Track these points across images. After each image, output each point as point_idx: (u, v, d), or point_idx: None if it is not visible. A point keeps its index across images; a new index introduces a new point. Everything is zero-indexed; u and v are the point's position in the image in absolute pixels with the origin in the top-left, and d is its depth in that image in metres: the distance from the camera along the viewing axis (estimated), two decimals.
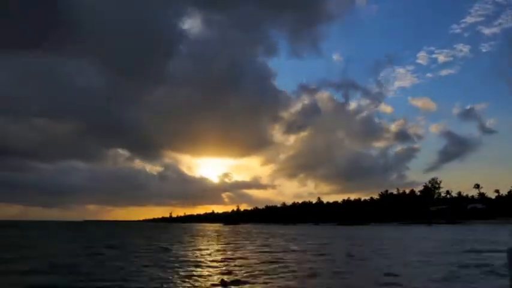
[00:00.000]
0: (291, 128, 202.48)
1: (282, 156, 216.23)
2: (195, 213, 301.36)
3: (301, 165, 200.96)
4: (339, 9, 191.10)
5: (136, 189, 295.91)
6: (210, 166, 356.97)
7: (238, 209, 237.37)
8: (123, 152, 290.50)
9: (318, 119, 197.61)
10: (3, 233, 53.41)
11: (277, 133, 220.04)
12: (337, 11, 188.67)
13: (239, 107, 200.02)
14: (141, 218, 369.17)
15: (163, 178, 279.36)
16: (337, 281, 11.97)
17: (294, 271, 13.84)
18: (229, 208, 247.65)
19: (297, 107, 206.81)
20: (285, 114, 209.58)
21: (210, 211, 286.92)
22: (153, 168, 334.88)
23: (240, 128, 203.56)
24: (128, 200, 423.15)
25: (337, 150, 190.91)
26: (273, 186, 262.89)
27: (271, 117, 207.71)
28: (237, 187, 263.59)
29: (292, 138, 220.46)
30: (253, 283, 11.45)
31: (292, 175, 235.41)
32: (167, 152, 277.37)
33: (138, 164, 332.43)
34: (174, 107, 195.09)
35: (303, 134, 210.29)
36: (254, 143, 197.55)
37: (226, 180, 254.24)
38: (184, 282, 11.82)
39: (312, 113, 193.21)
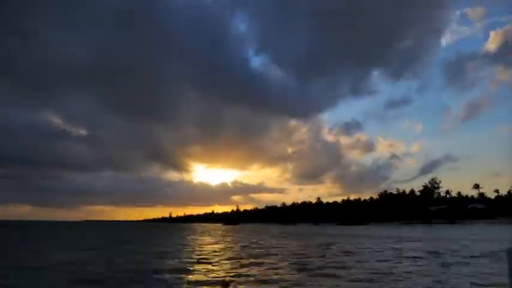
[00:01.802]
0: (300, 145, 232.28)
1: (291, 168, 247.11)
2: (195, 214, 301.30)
3: (307, 174, 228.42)
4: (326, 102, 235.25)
5: (149, 193, 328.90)
6: (226, 176, 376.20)
7: (238, 209, 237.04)
8: (158, 165, 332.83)
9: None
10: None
11: (287, 150, 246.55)
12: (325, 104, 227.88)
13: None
14: (140, 218, 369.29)
15: (181, 184, 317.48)
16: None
17: None
18: (234, 208, 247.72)
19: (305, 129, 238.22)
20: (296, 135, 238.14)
21: (210, 211, 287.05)
22: (176, 176, 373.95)
23: (259, 147, 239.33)
24: (137, 202, 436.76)
25: (336, 162, 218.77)
26: (281, 191, 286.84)
27: (283, 137, 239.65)
28: (248, 191, 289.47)
29: (300, 153, 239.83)
30: (254, 283, 11.35)
31: (299, 182, 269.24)
32: (196, 165, 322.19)
33: (166, 173, 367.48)
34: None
35: (309, 149, 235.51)
36: (270, 157, 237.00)
37: (238, 185, 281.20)
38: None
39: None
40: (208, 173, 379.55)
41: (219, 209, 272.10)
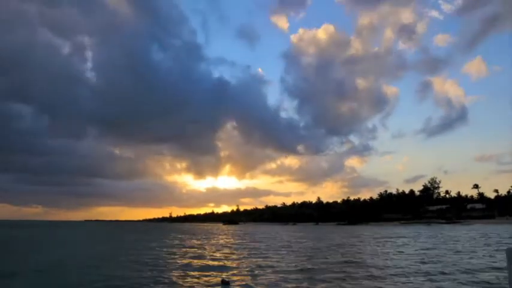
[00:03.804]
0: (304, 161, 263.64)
1: (296, 178, 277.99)
2: (195, 213, 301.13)
3: (310, 181, 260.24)
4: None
5: (163, 195, 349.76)
6: (240, 183, 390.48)
7: (238, 209, 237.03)
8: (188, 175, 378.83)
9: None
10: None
11: (294, 166, 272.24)
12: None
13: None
14: (140, 218, 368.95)
15: (196, 188, 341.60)
16: None
17: None
18: (234, 208, 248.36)
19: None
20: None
21: (210, 211, 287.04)
22: (197, 183, 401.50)
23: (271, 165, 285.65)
24: (145, 203, 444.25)
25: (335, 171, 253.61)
26: (287, 194, 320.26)
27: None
28: (257, 195, 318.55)
29: (305, 167, 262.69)
30: (253, 282, 11.48)
31: (303, 187, 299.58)
32: (219, 175, 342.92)
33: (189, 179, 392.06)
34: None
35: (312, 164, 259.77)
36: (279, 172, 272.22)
37: (250, 190, 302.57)
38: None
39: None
40: (225, 182, 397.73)
41: (224, 209, 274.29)
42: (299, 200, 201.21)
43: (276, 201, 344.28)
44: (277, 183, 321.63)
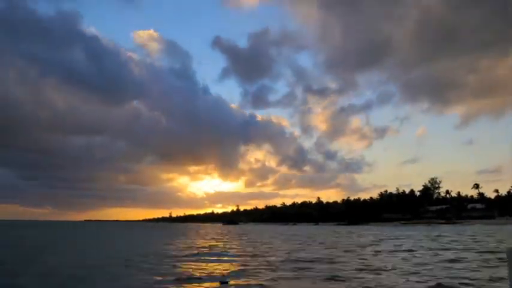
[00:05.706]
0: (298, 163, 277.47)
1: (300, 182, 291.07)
2: (195, 213, 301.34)
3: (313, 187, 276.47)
4: None
5: (170, 196, 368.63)
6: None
7: (238, 209, 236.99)
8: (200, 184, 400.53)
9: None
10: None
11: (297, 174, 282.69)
12: None
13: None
14: (140, 218, 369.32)
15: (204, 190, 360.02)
16: None
17: None
18: (234, 208, 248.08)
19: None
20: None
21: (210, 211, 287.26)
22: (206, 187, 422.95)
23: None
24: (149, 204, 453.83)
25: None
26: (292, 196, 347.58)
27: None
28: (263, 197, 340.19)
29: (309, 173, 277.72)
30: (253, 282, 11.26)
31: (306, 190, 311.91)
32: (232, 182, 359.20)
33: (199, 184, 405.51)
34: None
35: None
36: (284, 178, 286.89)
37: (256, 192, 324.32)
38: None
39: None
40: (234, 186, 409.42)
41: (226, 209, 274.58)
42: (300, 200, 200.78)
43: (278, 202, 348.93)
44: (284, 189, 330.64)
